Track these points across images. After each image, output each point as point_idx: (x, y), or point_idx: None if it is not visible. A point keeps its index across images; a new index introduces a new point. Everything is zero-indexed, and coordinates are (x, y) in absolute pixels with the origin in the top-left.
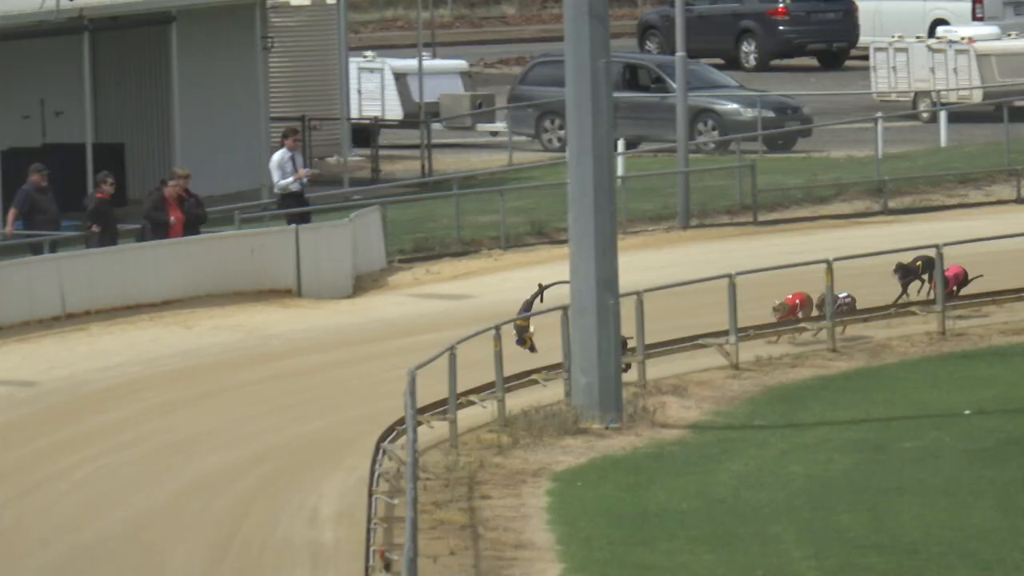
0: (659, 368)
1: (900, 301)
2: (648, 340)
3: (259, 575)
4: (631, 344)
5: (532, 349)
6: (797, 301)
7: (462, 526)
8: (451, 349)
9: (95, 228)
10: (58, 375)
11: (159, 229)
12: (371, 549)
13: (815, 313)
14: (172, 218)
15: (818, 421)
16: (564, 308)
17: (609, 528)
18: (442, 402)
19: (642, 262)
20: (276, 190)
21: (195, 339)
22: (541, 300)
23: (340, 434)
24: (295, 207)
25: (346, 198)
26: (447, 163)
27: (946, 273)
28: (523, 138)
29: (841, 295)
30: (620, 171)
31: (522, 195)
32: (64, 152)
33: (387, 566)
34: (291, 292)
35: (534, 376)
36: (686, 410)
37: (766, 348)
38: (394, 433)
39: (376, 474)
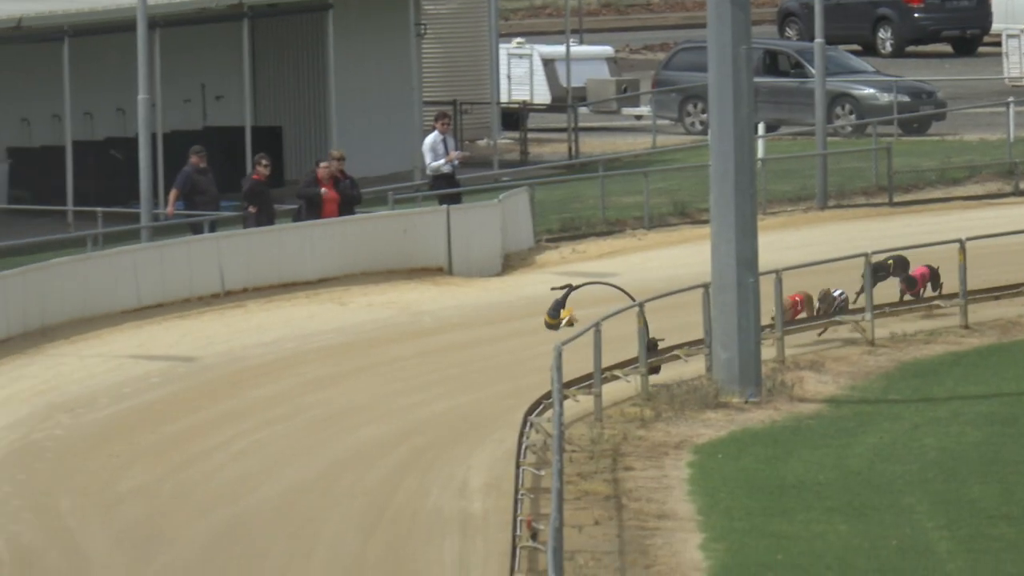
0: (795, 346)
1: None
2: (788, 318)
3: (410, 544)
4: (661, 345)
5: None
6: (797, 300)
7: (606, 497)
8: (596, 326)
9: (251, 209)
10: (216, 350)
11: (312, 207)
12: (518, 519)
13: (816, 308)
14: (323, 189)
15: (950, 396)
16: (705, 286)
17: (748, 499)
18: (587, 377)
19: (781, 241)
20: (428, 172)
21: (349, 316)
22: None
23: (488, 408)
24: (446, 188)
25: (496, 179)
26: (593, 146)
27: (912, 273)
28: (666, 121)
29: (836, 292)
30: (760, 153)
31: (665, 176)
32: (224, 135)
33: (534, 535)
34: (442, 270)
35: (676, 352)
36: (823, 385)
37: (901, 325)
38: (541, 407)
39: (523, 446)
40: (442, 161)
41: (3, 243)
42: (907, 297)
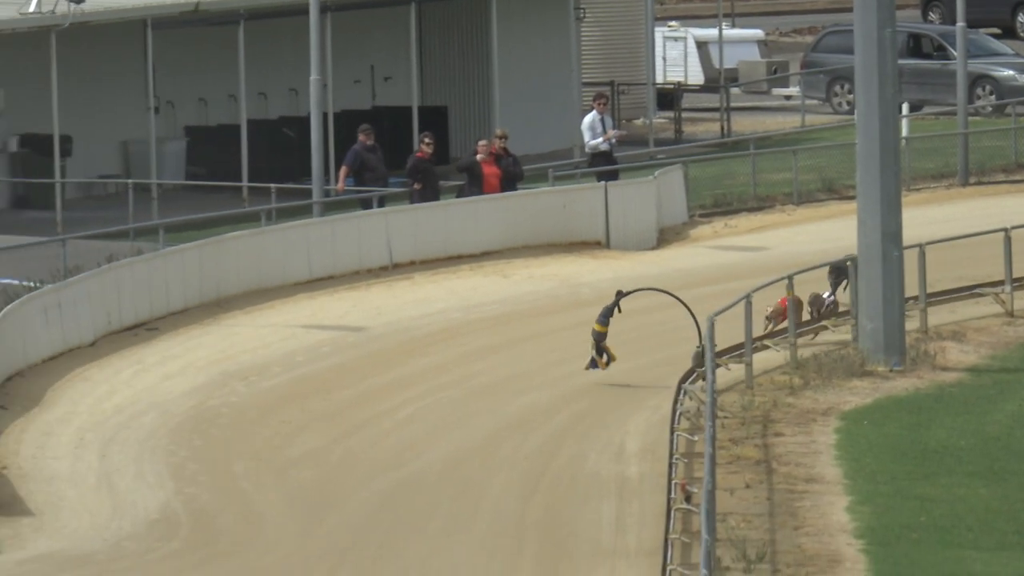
0: (938, 316)
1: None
2: (929, 289)
3: (568, 506)
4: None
5: (605, 361)
6: (786, 304)
7: (757, 461)
8: (747, 297)
9: (416, 185)
10: (385, 321)
11: (474, 181)
12: (673, 482)
13: (807, 312)
14: (479, 156)
15: None
16: (852, 259)
17: (892, 463)
18: (738, 346)
19: (924, 217)
20: (587, 149)
21: (511, 287)
22: (619, 310)
23: (643, 376)
24: (604, 165)
25: (651, 157)
26: (744, 125)
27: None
28: (815, 102)
29: (825, 295)
30: (904, 132)
31: (813, 154)
32: (391, 114)
33: (687, 498)
34: (600, 244)
35: (824, 322)
36: (964, 354)
37: None
38: (694, 375)
39: (677, 413)
40: (600, 139)
41: (181, 218)
42: None
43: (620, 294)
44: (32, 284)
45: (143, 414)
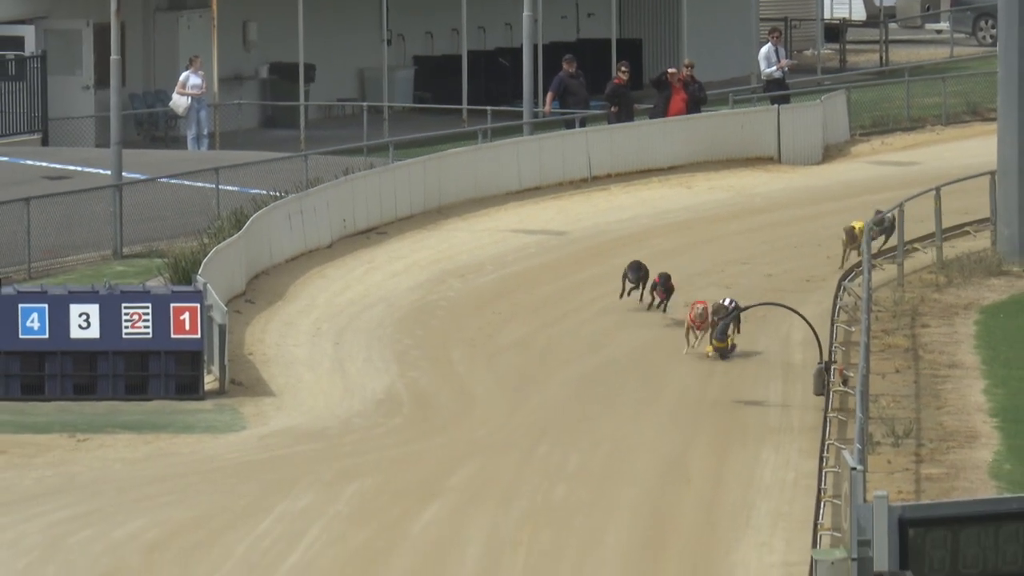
0: None
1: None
2: None
3: (742, 386)
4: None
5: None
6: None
7: (905, 349)
8: (900, 205)
9: (613, 109)
10: (583, 225)
11: (661, 101)
12: (832, 366)
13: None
14: (669, 73)
15: None
16: (992, 173)
17: None
18: (891, 248)
19: None
20: (763, 77)
21: (694, 197)
22: (737, 324)
23: (808, 273)
24: (777, 91)
25: (818, 83)
26: (900, 55)
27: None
28: (962, 35)
29: (726, 301)
30: None
31: (960, 81)
32: (593, 46)
33: (844, 381)
34: (772, 159)
35: (966, 228)
36: None
37: None
38: (852, 274)
39: (837, 307)
40: (774, 68)
41: (408, 136)
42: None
43: (738, 308)
44: (278, 194)
45: (372, 307)
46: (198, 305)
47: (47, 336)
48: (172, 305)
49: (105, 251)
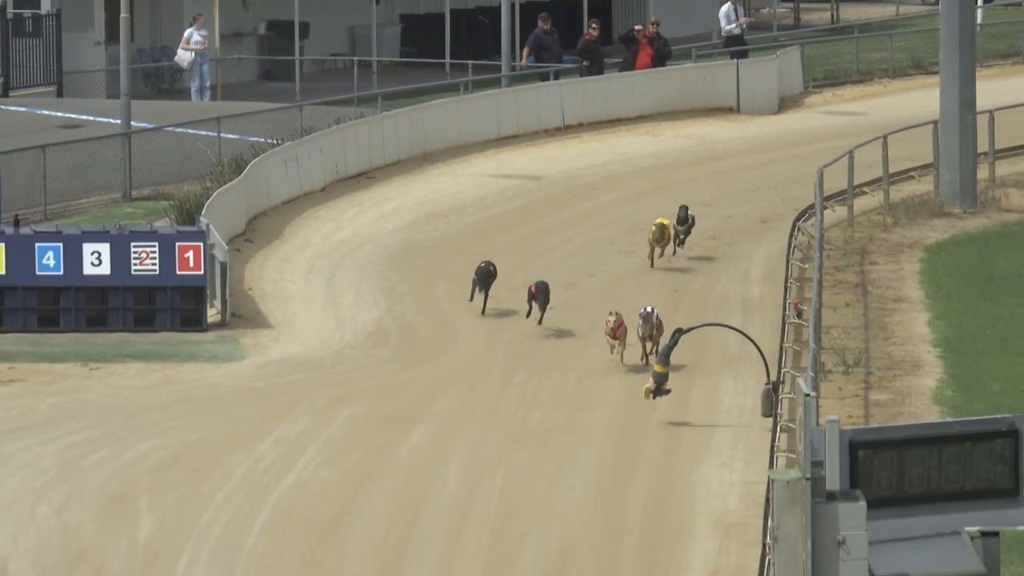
0: (1004, 168)
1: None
2: (998, 147)
3: (704, 316)
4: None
5: (658, 394)
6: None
7: (855, 284)
8: (850, 152)
9: (585, 63)
10: (557, 171)
11: (629, 56)
12: (787, 301)
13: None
14: (636, 30)
15: None
16: (934, 122)
17: (964, 287)
18: (841, 192)
19: (994, 88)
20: (723, 34)
21: (659, 144)
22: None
23: (764, 215)
24: (737, 47)
25: (775, 40)
26: (850, 13)
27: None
28: None
29: (648, 308)
30: (979, 20)
31: (906, 37)
32: (567, 5)
33: (799, 314)
34: (732, 109)
35: (911, 173)
36: None
37: None
38: (806, 215)
39: (792, 246)
40: (734, 25)
41: (395, 88)
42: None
43: (679, 331)
44: (275, 141)
45: (362, 246)
46: (201, 244)
47: (62, 273)
48: (177, 244)
49: (115, 194)
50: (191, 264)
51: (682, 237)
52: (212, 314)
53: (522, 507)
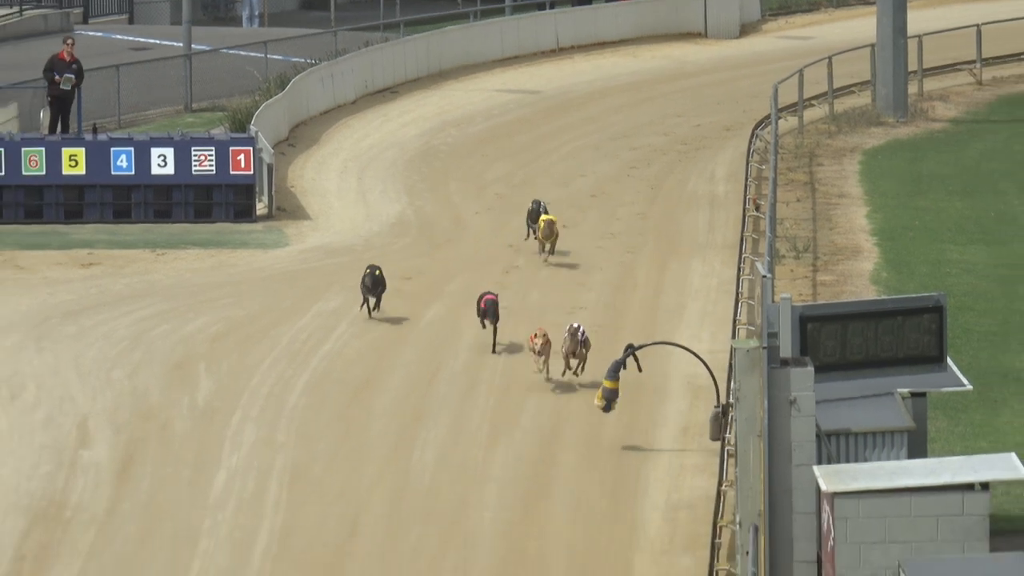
0: (931, 84)
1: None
2: (926, 66)
3: (677, 213)
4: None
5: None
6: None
7: (804, 183)
8: (800, 71)
9: None
10: (552, 86)
11: None
12: (747, 196)
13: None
14: None
15: None
16: (872, 45)
17: (897, 185)
18: (793, 105)
19: (922, 17)
20: None
21: (639, 64)
22: (631, 362)
23: (728, 123)
24: None
25: None
26: None
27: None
28: None
29: (575, 324)
30: None
31: None
32: None
33: (757, 208)
34: (700, 34)
35: (852, 88)
36: (948, 110)
37: (1004, 69)
38: (763, 124)
39: (751, 150)
40: None
41: (414, 16)
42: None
43: (631, 347)
44: (313, 61)
45: (387, 150)
46: (251, 148)
47: (133, 173)
48: (231, 148)
49: (178, 107)
50: (242, 165)
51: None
52: (260, 208)
53: (522, 374)
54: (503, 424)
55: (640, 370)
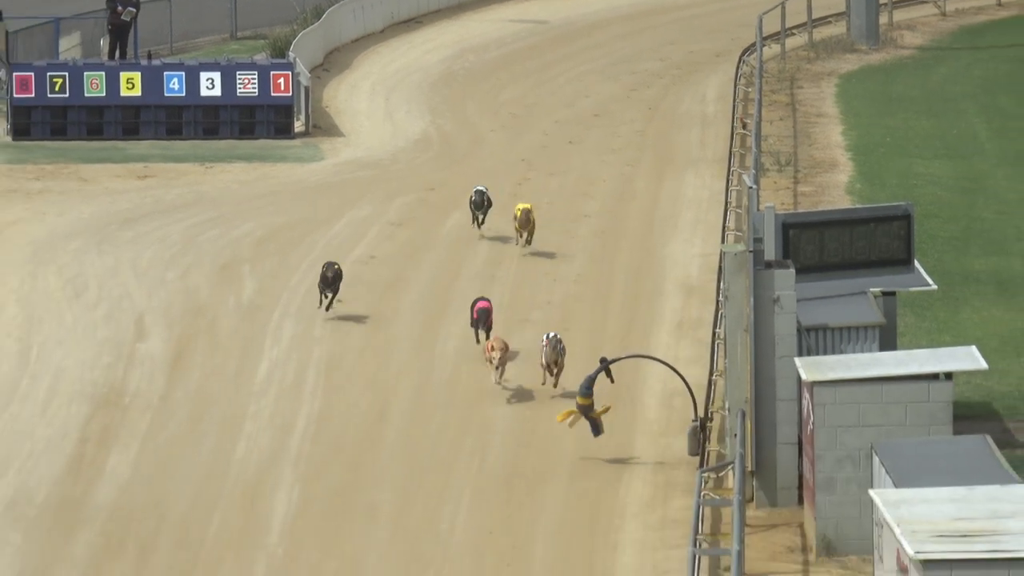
0: (900, 15)
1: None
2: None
3: (671, 129)
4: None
5: (597, 430)
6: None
7: (786, 104)
8: (782, 3)
9: None
10: (560, 17)
11: None
12: (735, 116)
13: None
14: None
15: (991, 45)
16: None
17: (870, 105)
18: (776, 33)
19: None
20: None
21: None
22: (607, 375)
23: (719, 51)
24: None
25: None
26: None
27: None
28: None
29: (552, 334)
30: None
31: None
32: None
33: (744, 126)
34: None
35: (829, 19)
36: (915, 38)
37: (965, 2)
38: (749, 51)
39: (738, 74)
40: None
41: None
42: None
43: (604, 361)
44: None
45: (412, 74)
46: (290, 72)
47: (184, 94)
48: (271, 72)
49: (224, 35)
50: (282, 88)
51: (481, 218)
52: (298, 126)
53: (534, 274)
54: (518, 317)
55: (612, 381)
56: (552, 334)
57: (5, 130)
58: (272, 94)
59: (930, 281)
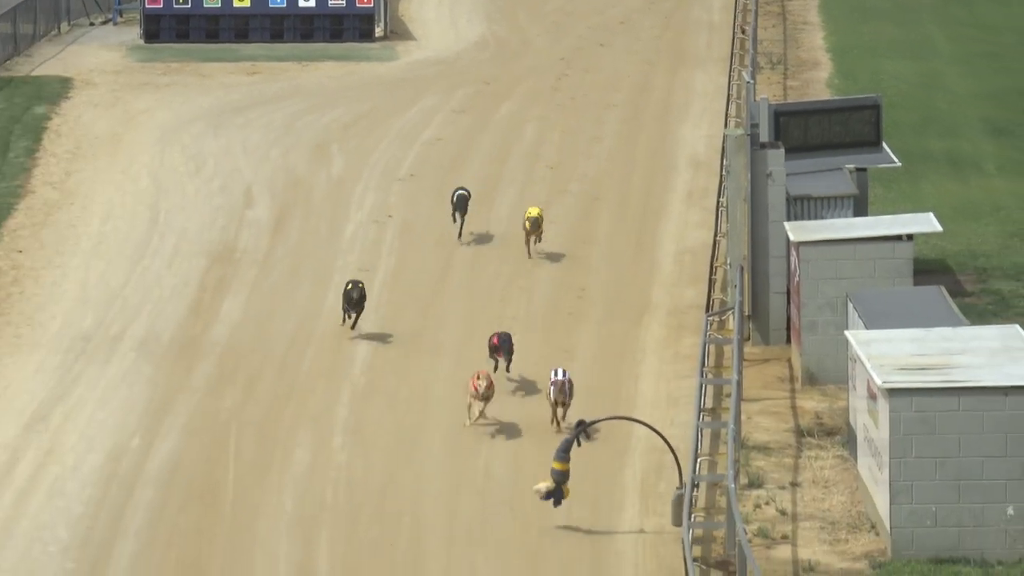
0: None
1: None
2: None
3: (683, 34)
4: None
5: (557, 501)
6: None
7: (777, 13)
8: None
9: None
10: None
11: None
12: (736, 23)
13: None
14: None
15: None
16: (583, 422)
17: (848, 15)
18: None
19: None
20: None
21: None
22: (578, 442)
23: None
24: None
25: None
26: None
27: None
28: None
29: (560, 373)
30: None
31: None
32: None
33: (743, 31)
34: None
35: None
36: None
37: None
38: None
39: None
40: None
41: None
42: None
43: (581, 424)
44: None
45: None
46: None
47: (285, 6)
48: None
49: None
50: (365, 0)
51: (461, 221)
52: (378, 31)
53: (573, 152)
54: (558, 189)
55: (582, 442)
56: (561, 374)
57: (138, 35)
58: (357, 5)
59: (895, 159)
